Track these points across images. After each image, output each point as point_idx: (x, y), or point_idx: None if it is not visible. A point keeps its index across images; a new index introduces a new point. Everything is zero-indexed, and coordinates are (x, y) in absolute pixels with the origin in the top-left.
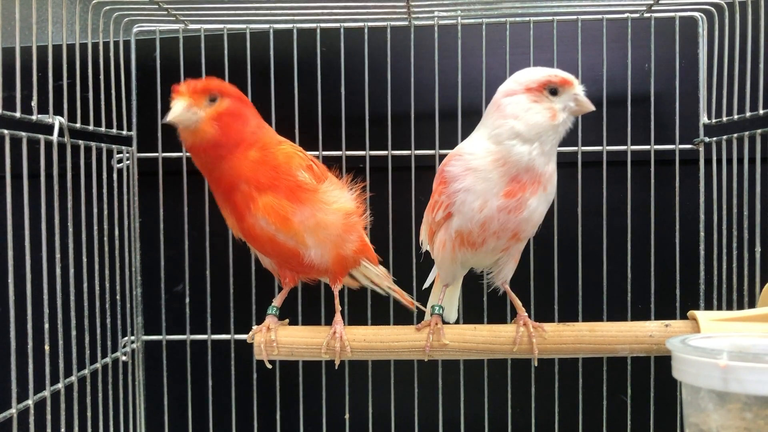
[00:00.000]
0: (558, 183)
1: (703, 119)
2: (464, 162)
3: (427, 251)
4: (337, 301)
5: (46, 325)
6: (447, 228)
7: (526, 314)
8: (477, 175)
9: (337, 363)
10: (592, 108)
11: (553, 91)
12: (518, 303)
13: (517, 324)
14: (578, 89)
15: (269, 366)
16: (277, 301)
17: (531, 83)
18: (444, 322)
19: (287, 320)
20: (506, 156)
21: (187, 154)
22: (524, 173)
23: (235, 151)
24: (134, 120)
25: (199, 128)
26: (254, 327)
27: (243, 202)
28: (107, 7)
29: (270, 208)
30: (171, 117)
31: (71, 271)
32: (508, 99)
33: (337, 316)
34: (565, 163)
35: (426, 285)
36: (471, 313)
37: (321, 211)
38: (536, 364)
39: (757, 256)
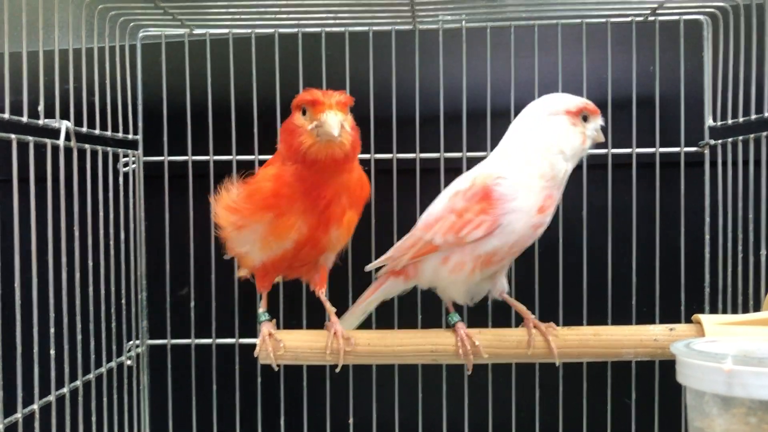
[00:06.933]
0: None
1: (709, 122)
2: (512, 180)
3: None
4: (328, 304)
5: (52, 330)
6: (474, 249)
7: (534, 316)
8: (525, 192)
9: (340, 363)
10: (603, 140)
11: (585, 118)
12: (522, 308)
13: (527, 327)
14: (601, 120)
15: (276, 369)
16: (264, 306)
17: (570, 107)
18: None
19: (274, 320)
20: (549, 171)
21: (194, 157)
22: (557, 190)
23: (353, 163)
24: (140, 124)
25: (342, 141)
26: (258, 341)
27: (334, 215)
28: (113, 12)
29: (350, 223)
30: (337, 134)
31: (77, 275)
32: (552, 118)
33: (333, 317)
34: None
35: (369, 267)
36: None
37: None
38: (558, 364)
39: (763, 259)
